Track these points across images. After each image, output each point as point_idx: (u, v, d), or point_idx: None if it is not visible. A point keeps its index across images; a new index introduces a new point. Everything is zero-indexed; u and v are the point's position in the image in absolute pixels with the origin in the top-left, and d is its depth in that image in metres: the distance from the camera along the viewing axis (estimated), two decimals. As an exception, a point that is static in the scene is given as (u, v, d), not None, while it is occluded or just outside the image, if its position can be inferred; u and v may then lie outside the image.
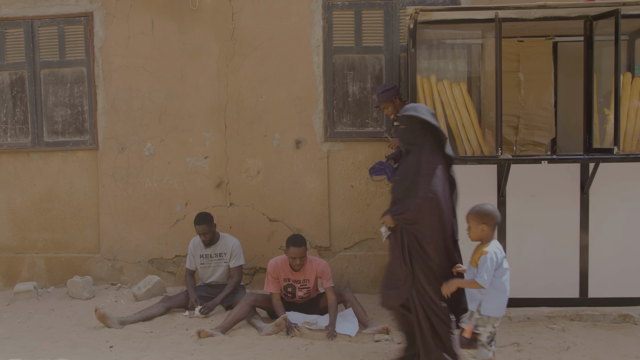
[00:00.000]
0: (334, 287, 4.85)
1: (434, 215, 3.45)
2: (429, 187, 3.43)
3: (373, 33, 5.82)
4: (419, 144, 3.57)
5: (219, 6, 5.93)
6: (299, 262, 4.76)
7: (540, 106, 5.32)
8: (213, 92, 5.97)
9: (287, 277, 4.89)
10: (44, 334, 4.81)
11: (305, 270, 4.86)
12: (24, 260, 6.26)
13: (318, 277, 4.90)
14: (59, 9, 6.11)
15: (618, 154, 4.47)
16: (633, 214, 4.71)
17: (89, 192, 6.19)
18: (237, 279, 5.30)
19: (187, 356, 4.19)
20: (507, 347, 4.14)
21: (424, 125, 3.55)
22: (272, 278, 4.85)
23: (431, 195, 3.42)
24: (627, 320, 4.55)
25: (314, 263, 4.87)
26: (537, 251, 4.74)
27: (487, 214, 3.37)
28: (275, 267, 4.86)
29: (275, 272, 4.85)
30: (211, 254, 5.38)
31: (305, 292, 4.95)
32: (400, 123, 3.67)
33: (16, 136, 6.26)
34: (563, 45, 5.45)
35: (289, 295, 4.96)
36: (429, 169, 3.47)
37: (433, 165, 3.48)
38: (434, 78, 4.78)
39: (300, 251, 4.73)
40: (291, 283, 4.90)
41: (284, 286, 4.92)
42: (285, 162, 5.93)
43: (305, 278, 4.89)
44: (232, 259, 5.33)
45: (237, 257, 5.34)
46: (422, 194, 3.44)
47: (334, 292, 4.79)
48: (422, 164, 3.49)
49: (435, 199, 3.43)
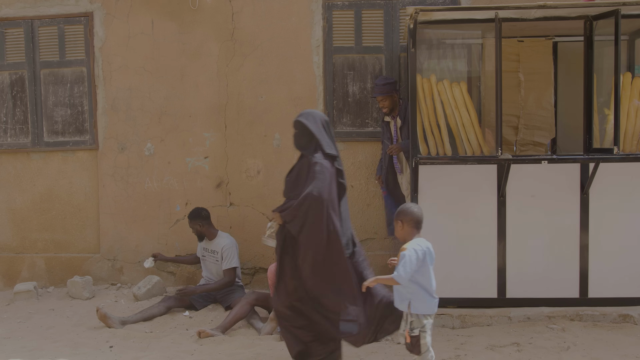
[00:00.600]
0: None
1: (317, 215, 3.51)
2: (314, 188, 3.51)
3: (373, 33, 5.82)
4: (309, 148, 3.67)
5: (219, 6, 5.93)
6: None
7: (540, 106, 5.32)
8: (213, 92, 5.97)
9: None
10: (44, 334, 4.81)
11: None
12: (24, 260, 6.26)
13: None
14: (59, 9, 6.11)
15: (618, 154, 4.47)
16: (633, 214, 4.71)
17: (89, 192, 6.19)
18: (226, 279, 5.24)
19: (187, 356, 4.19)
20: (507, 347, 4.14)
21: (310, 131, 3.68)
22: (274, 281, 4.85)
23: (315, 195, 3.50)
24: (627, 320, 4.55)
25: None
26: (537, 251, 4.74)
27: (403, 212, 3.41)
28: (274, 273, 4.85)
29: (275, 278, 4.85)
30: (208, 248, 5.39)
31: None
32: (293, 126, 3.78)
33: (16, 136, 6.26)
34: (563, 45, 5.45)
35: None
36: (317, 172, 3.55)
37: (321, 169, 3.56)
38: (434, 78, 4.78)
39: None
40: None
41: None
42: (285, 162, 5.92)
43: None
44: (223, 261, 5.30)
45: (228, 259, 5.26)
46: (306, 194, 3.53)
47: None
48: (310, 167, 3.59)
49: (319, 199, 3.49)
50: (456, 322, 4.64)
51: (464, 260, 4.76)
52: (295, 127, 3.76)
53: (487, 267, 4.74)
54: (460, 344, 4.26)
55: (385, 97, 5.20)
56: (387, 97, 5.20)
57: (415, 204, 3.56)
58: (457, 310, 4.69)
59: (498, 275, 4.74)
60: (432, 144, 4.76)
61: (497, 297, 4.74)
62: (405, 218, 3.39)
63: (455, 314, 4.65)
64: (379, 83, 5.25)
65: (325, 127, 3.74)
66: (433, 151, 4.75)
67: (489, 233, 4.73)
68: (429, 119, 4.76)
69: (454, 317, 4.64)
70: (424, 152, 4.72)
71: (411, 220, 3.38)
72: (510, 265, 4.73)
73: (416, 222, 3.39)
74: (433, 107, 4.76)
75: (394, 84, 5.20)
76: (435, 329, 4.55)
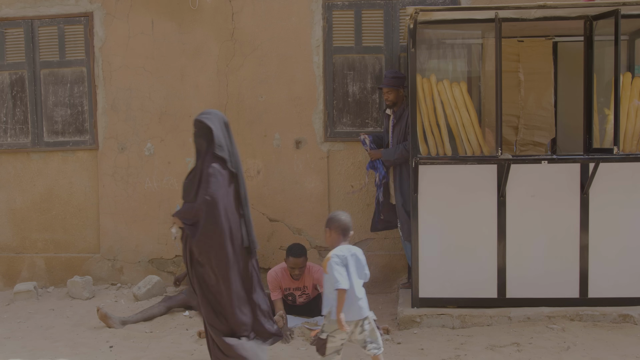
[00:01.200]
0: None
1: (211, 218, 3.50)
2: (207, 191, 3.49)
3: (373, 33, 5.82)
4: (203, 150, 3.64)
5: (219, 6, 5.93)
6: (298, 272, 4.81)
7: (540, 106, 5.32)
8: (213, 92, 5.97)
9: (287, 286, 4.94)
10: (44, 334, 4.81)
11: (303, 279, 4.91)
12: (24, 260, 6.26)
13: (315, 283, 4.92)
14: (59, 9, 6.11)
15: (618, 154, 4.47)
16: (633, 213, 4.71)
17: (89, 192, 6.19)
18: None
19: (187, 356, 4.19)
20: (507, 347, 4.14)
21: (209, 132, 3.61)
22: (274, 286, 4.91)
23: (208, 199, 3.49)
24: (627, 320, 4.55)
25: (312, 270, 4.92)
26: (537, 251, 4.74)
27: (331, 220, 3.47)
28: (275, 277, 4.90)
29: (276, 282, 4.90)
30: None
31: (305, 298, 5.01)
32: (193, 125, 3.73)
33: (16, 136, 6.26)
34: (563, 45, 5.45)
35: (290, 300, 4.99)
36: (210, 174, 3.52)
37: (215, 172, 3.53)
38: (434, 78, 4.78)
39: (299, 262, 4.76)
40: (291, 292, 4.97)
41: (285, 295, 4.97)
42: (285, 162, 5.93)
43: (304, 285, 4.94)
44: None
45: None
46: (200, 198, 3.51)
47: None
48: (204, 169, 3.56)
49: (213, 202, 3.48)
50: (456, 322, 4.64)
51: (464, 260, 4.76)
52: (195, 126, 3.70)
53: (487, 267, 4.74)
54: (460, 344, 4.26)
55: (391, 89, 5.20)
56: (392, 90, 5.20)
57: (343, 212, 3.55)
58: (457, 310, 4.70)
59: (498, 275, 4.74)
60: (432, 144, 4.76)
61: (497, 297, 4.74)
62: (332, 225, 3.45)
63: (455, 314, 4.65)
64: (387, 75, 5.24)
65: (224, 128, 3.69)
66: (433, 151, 4.75)
67: (489, 233, 4.73)
68: (429, 119, 4.76)
69: (454, 317, 4.64)
70: (424, 152, 4.73)
71: (338, 227, 3.44)
72: (510, 265, 4.73)
73: (343, 230, 3.45)
74: (433, 107, 4.76)
75: (402, 79, 5.19)
76: (435, 329, 4.59)
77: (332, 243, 3.46)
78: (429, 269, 4.76)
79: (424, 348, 4.22)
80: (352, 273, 3.35)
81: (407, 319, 4.67)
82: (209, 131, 3.60)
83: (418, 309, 4.74)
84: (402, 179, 5.19)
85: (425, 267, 4.76)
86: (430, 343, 4.31)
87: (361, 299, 3.37)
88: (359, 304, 3.35)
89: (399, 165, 5.20)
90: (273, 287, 4.88)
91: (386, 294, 5.71)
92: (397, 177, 5.24)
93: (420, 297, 4.77)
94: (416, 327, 4.64)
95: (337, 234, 3.45)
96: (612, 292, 4.70)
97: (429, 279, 4.76)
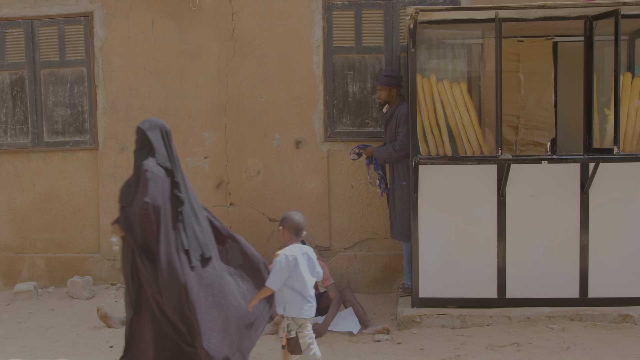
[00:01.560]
0: (334, 284, 4.90)
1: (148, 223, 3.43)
2: (145, 196, 3.43)
3: (373, 33, 5.82)
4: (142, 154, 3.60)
5: (219, 6, 5.93)
6: None
7: (540, 106, 5.32)
8: (213, 92, 5.97)
9: None
10: (44, 334, 4.81)
11: None
12: (24, 260, 6.26)
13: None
14: (59, 9, 6.11)
15: (618, 154, 4.47)
16: (633, 214, 4.71)
17: (89, 192, 6.19)
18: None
19: (187, 356, 4.18)
20: (507, 347, 4.14)
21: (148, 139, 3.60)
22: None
23: (146, 202, 3.42)
24: (627, 320, 4.55)
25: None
26: (537, 251, 4.74)
27: (285, 219, 3.55)
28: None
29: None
30: None
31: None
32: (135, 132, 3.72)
33: (16, 136, 6.26)
34: (563, 45, 5.45)
35: None
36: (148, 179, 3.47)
37: (152, 176, 3.48)
38: (434, 78, 4.78)
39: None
40: None
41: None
42: (285, 162, 5.93)
43: None
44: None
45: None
46: (137, 202, 3.46)
47: (335, 290, 4.83)
48: (141, 174, 3.51)
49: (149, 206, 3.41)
50: (456, 322, 4.64)
51: (464, 260, 4.76)
52: (136, 133, 3.70)
53: (487, 267, 4.74)
54: (460, 344, 4.26)
55: (384, 87, 5.21)
56: (385, 88, 5.21)
57: (297, 212, 3.62)
58: (457, 310, 4.70)
59: (498, 275, 4.74)
60: (432, 144, 4.76)
61: (497, 297, 4.74)
62: (286, 225, 3.53)
63: (455, 314, 4.65)
64: (382, 73, 5.25)
65: (165, 137, 3.67)
66: (433, 151, 4.75)
67: (489, 233, 4.73)
68: (429, 119, 4.76)
69: (454, 317, 4.64)
70: (424, 152, 4.73)
71: (291, 227, 3.51)
72: (510, 265, 4.73)
73: (296, 229, 3.52)
74: (433, 107, 4.76)
75: (396, 78, 5.18)
76: (435, 329, 4.59)
77: (285, 242, 3.53)
78: (429, 269, 4.76)
79: (424, 348, 4.22)
80: (304, 272, 3.42)
81: (407, 319, 4.67)
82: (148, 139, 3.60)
83: (418, 309, 4.75)
84: (393, 179, 5.26)
85: (425, 267, 4.76)
86: (430, 343, 4.31)
87: (312, 296, 3.45)
88: (310, 302, 3.44)
89: (391, 167, 5.28)
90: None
91: (386, 294, 5.72)
92: (390, 176, 5.33)
93: (420, 297, 4.77)
94: (416, 327, 4.64)
95: (290, 233, 3.52)
96: (612, 292, 4.70)
97: (429, 279, 4.77)
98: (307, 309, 3.41)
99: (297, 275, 3.40)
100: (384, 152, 5.20)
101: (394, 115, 5.18)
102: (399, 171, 5.18)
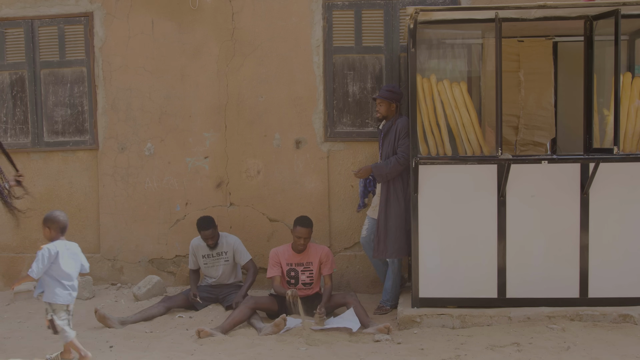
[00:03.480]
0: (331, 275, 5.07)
1: None
2: None
3: (373, 33, 5.82)
4: None
5: (219, 6, 5.93)
6: (303, 242, 4.93)
7: (540, 106, 5.32)
8: (213, 92, 5.97)
9: (289, 261, 5.01)
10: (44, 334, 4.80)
11: (308, 253, 5.01)
12: (24, 260, 6.25)
13: (321, 261, 5.02)
14: (59, 9, 6.11)
15: (618, 154, 4.47)
16: (633, 213, 4.70)
17: (89, 192, 6.19)
18: (253, 269, 5.40)
19: (187, 356, 4.19)
20: (507, 347, 4.14)
21: None
22: (273, 262, 5.01)
23: None
24: (627, 320, 4.54)
25: (317, 247, 5.08)
26: (537, 251, 4.74)
27: (50, 219, 4.04)
28: (275, 253, 5.05)
29: (276, 257, 5.02)
30: (213, 253, 5.40)
31: (308, 276, 5.02)
32: None
33: (16, 136, 6.25)
34: (563, 45, 5.45)
35: (292, 282, 5.00)
36: None
37: None
38: (434, 78, 4.78)
39: (306, 231, 4.92)
40: (294, 267, 5.01)
41: (287, 271, 5.02)
42: (285, 162, 5.93)
43: (309, 261, 5.01)
44: (240, 256, 5.42)
45: (243, 253, 5.44)
46: None
47: (331, 280, 5.05)
48: None
49: None
50: (456, 322, 4.64)
51: (464, 260, 4.76)
52: None
53: (487, 267, 4.74)
54: (460, 344, 4.26)
55: (384, 102, 5.15)
56: (385, 102, 5.15)
57: (61, 212, 4.11)
58: (457, 310, 4.69)
59: (498, 275, 4.74)
60: (432, 144, 4.76)
61: (497, 297, 4.74)
62: (52, 225, 4.03)
63: (455, 314, 4.65)
64: (384, 88, 5.21)
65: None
66: (433, 151, 4.75)
67: (489, 233, 4.73)
68: (429, 119, 4.76)
69: (454, 317, 4.64)
70: (424, 152, 4.73)
71: (57, 227, 4.04)
72: (510, 265, 4.73)
73: (61, 228, 4.06)
74: (433, 107, 4.76)
75: (397, 94, 5.14)
76: (435, 328, 4.59)
77: (50, 239, 4.03)
78: (428, 269, 4.76)
79: (424, 348, 4.22)
80: (64, 264, 3.96)
81: (407, 319, 4.67)
82: None
83: (418, 309, 4.74)
84: (388, 196, 5.07)
85: (425, 267, 4.76)
86: (430, 343, 4.30)
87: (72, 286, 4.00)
88: (68, 290, 3.98)
89: (386, 182, 5.09)
90: (272, 263, 5.01)
91: (386, 294, 5.71)
92: (384, 192, 5.10)
93: (420, 297, 4.77)
94: (416, 327, 4.64)
95: (55, 231, 4.03)
96: (612, 292, 4.70)
97: (429, 278, 4.77)
98: (62, 296, 3.95)
99: (56, 266, 3.93)
100: (386, 167, 5.02)
101: (392, 129, 5.10)
102: (396, 187, 5.06)
